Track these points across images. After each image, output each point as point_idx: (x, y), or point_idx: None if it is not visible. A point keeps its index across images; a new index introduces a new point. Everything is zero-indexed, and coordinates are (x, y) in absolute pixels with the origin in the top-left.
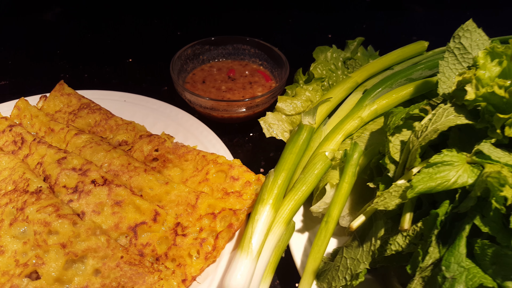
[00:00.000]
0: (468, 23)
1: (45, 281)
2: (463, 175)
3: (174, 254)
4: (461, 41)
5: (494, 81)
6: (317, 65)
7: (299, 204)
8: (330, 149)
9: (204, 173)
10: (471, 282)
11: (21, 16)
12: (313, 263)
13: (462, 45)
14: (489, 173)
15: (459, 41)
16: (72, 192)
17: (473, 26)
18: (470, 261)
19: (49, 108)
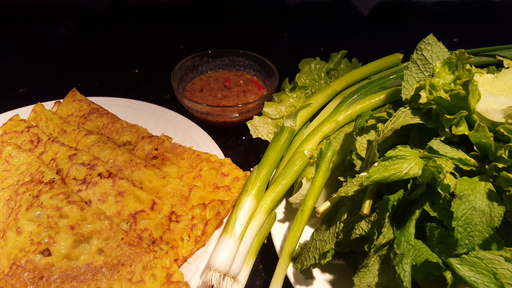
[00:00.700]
0: (429, 37)
1: (56, 258)
2: (414, 167)
3: (168, 237)
4: (423, 53)
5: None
6: (301, 75)
7: (279, 196)
8: (309, 148)
9: (198, 170)
10: (418, 258)
11: (39, 30)
12: (289, 246)
13: (424, 56)
14: (430, 163)
15: (421, 53)
16: (81, 183)
17: (434, 39)
18: (421, 242)
19: (62, 112)
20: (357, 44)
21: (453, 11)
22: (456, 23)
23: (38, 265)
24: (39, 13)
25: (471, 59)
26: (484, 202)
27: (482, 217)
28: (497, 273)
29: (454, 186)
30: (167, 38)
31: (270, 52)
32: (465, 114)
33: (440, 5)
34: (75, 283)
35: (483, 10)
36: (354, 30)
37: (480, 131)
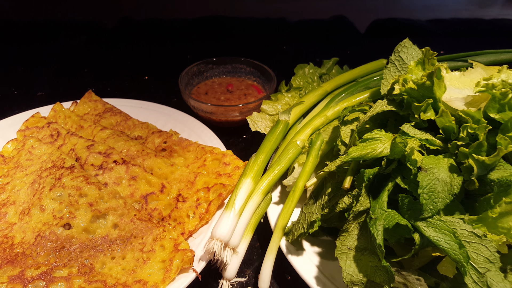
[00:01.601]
0: (405, 41)
1: (75, 230)
2: (388, 147)
3: (176, 215)
4: (400, 54)
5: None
6: (296, 77)
7: (275, 179)
8: (301, 139)
9: (202, 160)
10: (390, 222)
11: (56, 42)
12: (282, 221)
13: (401, 57)
14: (398, 139)
15: (398, 55)
16: (98, 169)
17: (409, 43)
18: (394, 211)
19: (79, 111)
20: (350, 55)
21: (444, 27)
22: (445, 38)
23: (60, 237)
24: (57, 27)
25: (435, 54)
26: (446, 174)
27: (444, 186)
28: (456, 232)
29: (420, 161)
30: (175, 49)
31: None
32: (431, 102)
33: (432, 22)
34: (93, 252)
35: (469, 26)
36: (349, 43)
37: (444, 116)
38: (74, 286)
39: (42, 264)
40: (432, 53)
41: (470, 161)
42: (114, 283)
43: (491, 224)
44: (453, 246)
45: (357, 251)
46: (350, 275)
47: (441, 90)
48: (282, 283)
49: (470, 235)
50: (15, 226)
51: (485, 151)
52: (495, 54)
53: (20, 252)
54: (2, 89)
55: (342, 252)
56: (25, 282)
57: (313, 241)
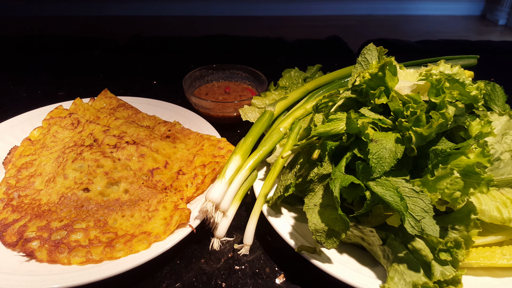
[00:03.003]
0: (370, 45)
1: (93, 194)
2: None
3: (176, 185)
4: (366, 56)
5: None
6: (283, 79)
7: (260, 158)
8: (284, 126)
9: (201, 145)
10: (346, 181)
11: (74, 54)
12: (264, 189)
13: (366, 58)
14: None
15: (364, 56)
16: (112, 147)
17: (374, 47)
18: (352, 176)
19: (96, 106)
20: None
21: (431, 47)
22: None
23: (80, 198)
24: (76, 41)
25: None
26: (392, 144)
27: (390, 153)
28: (399, 189)
29: (372, 135)
30: (180, 60)
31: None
32: (383, 89)
33: (421, 43)
34: (106, 211)
35: (454, 46)
36: (339, 59)
37: (393, 100)
38: (91, 236)
39: (64, 218)
40: (384, 50)
41: (410, 132)
42: (123, 234)
43: (430, 185)
44: (395, 199)
45: (321, 207)
46: (315, 225)
47: (394, 81)
48: (264, 243)
49: (410, 191)
50: (42, 191)
51: (423, 125)
52: (454, 60)
53: (46, 210)
54: (29, 89)
55: (309, 207)
56: (51, 231)
57: (290, 208)
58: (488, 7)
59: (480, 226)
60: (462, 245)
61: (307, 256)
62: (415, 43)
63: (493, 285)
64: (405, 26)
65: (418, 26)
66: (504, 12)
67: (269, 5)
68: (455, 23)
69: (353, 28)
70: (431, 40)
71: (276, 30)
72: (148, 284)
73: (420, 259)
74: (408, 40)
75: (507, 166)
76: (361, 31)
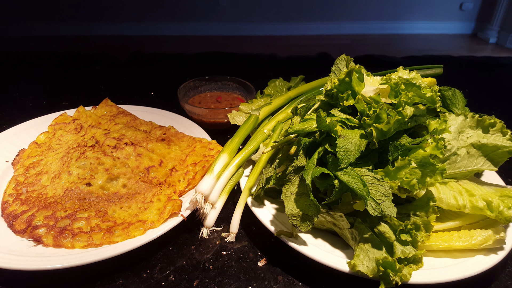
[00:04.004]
0: (342, 56)
1: (94, 187)
2: None
3: (169, 180)
4: (339, 65)
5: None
6: (268, 88)
7: (246, 156)
8: (267, 129)
9: (193, 147)
10: (317, 172)
11: (77, 69)
12: (248, 183)
13: (339, 68)
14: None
15: (337, 66)
16: (112, 148)
17: (346, 57)
18: (323, 167)
19: (97, 113)
20: None
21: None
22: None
23: (82, 191)
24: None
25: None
26: (357, 139)
27: (355, 147)
28: (363, 177)
29: (341, 132)
30: (176, 73)
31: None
32: (350, 92)
33: (406, 58)
34: (106, 203)
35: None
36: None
37: (359, 102)
38: (92, 223)
39: (68, 209)
40: (351, 59)
41: (372, 128)
42: (121, 222)
43: (391, 175)
44: (359, 185)
45: (297, 195)
46: (291, 210)
47: (361, 86)
48: (249, 232)
49: (372, 179)
50: (48, 186)
51: (382, 121)
52: (422, 70)
53: (52, 202)
54: (35, 99)
55: (286, 196)
56: (56, 219)
57: (272, 201)
58: (479, 26)
59: (438, 211)
60: (421, 228)
61: (285, 239)
62: (401, 58)
63: (450, 263)
64: (398, 44)
65: (411, 44)
66: (494, 31)
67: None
68: (448, 42)
69: (346, 47)
70: (416, 56)
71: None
72: (143, 266)
73: (385, 241)
74: (394, 56)
75: (463, 160)
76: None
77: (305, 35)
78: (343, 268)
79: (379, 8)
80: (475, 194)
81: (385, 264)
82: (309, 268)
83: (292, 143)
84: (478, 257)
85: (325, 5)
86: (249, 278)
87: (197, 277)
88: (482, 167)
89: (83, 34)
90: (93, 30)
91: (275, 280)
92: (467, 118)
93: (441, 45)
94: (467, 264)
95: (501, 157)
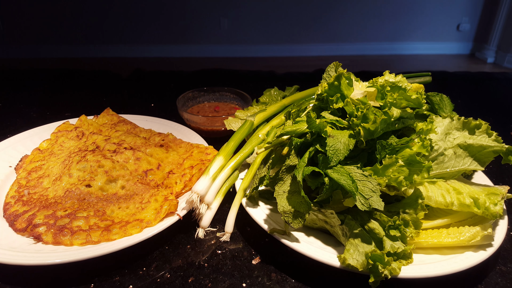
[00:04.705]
0: (334, 63)
1: (94, 188)
2: None
3: (167, 182)
4: (329, 73)
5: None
6: (263, 96)
7: (241, 159)
8: (262, 133)
9: (190, 152)
10: (308, 170)
11: (80, 82)
12: (243, 184)
13: (330, 75)
14: (311, 114)
15: (328, 73)
16: (112, 152)
17: (335, 63)
18: (315, 167)
19: (99, 122)
20: None
21: None
22: None
23: (82, 191)
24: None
25: (341, 65)
26: (346, 139)
27: (344, 146)
28: (351, 174)
29: (330, 132)
30: (176, 87)
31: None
32: (339, 95)
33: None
34: (105, 203)
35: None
36: None
37: (348, 105)
38: (91, 222)
39: (68, 208)
40: (339, 64)
41: (359, 128)
42: (119, 221)
43: (379, 173)
44: (348, 182)
45: (289, 193)
46: (283, 207)
47: (350, 91)
48: (244, 233)
49: (361, 175)
50: (49, 189)
51: (369, 121)
52: (412, 78)
53: (53, 202)
54: (39, 110)
55: (279, 194)
56: (56, 218)
57: (266, 202)
58: (477, 46)
59: (426, 209)
60: (410, 224)
61: (278, 236)
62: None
63: (439, 259)
64: (397, 65)
65: (410, 65)
66: (492, 51)
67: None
68: (446, 62)
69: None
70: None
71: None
72: (140, 264)
73: (375, 237)
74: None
75: (450, 160)
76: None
77: (304, 56)
78: (334, 263)
79: (377, 29)
80: (462, 192)
81: (374, 257)
82: (302, 266)
83: (285, 145)
84: (467, 253)
85: (324, 26)
86: (243, 275)
87: (192, 274)
88: (469, 167)
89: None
90: (100, 52)
91: (268, 277)
92: (453, 121)
93: (439, 65)
94: (457, 260)
95: (487, 156)
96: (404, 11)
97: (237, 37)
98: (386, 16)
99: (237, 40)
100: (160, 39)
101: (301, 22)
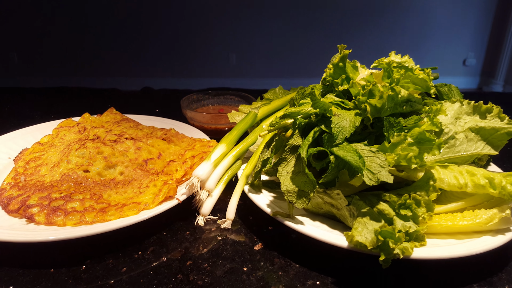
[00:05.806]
0: (339, 45)
1: (91, 173)
2: None
3: (167, 170)
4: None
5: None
6: (268, 93)
7: (244, 148)
8: (266, 124)
9: (192, 146)
10: (313, 149)
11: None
12: (246, 171)
13: None
14: (316, 92)
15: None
16: (112, 142)
17: (341, 47)
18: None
19: (102, 119)
20: None
21: None
22: None
23: (79, 176)
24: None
25: (345, 46)
26: (351, 117)
27: (350, 123)
28: (358, 150)
29: (336, 111)
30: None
31: None
32: (344, 77)
33: None
34: (102, 187)
35: None
36: None
37: (354, 86)
38: (86, 205)
39: (64, 191)
40: (344, 46)
41: (365, 104)
42: (116, 204)
43: (388, 151)
44: (355, 158)
45: (293, 173)
46: (286, 186)
47: (355, 74)
48: (246, 221)
49: (368, 152)
50: (46, 175)
51: (375, 97)
52: None
53: (49, 185)
54: (43, 114)
55: (282, 174)
56: (50, 199)
57: (269, 190)
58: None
59: (438, 190)
60: (421, 204)
61: (281, 219)
62: None
63: (453, 243)
64: None
65: None
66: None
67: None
68: None
69: None
70: None
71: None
72: (136, 248)
73: (385, 218)
74: None
75: (462, 144)
76: None
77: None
78: (341, 243)
79: None
80: (476, 173)
81: (384, 234)
82: (307, 251)
83: (288, 129)
84: (484, 237)
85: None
86: (244, 260)
87: (190, 258)
88: (482, 151)
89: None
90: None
91: (271, 262)
92: (463, 105)
93: None
94: (473, 243)
95: (500, 139)
96: (410, 46)
97: (244, 71)
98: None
99: (244, 74)
100: (173, 72)
101: (306, 57)
